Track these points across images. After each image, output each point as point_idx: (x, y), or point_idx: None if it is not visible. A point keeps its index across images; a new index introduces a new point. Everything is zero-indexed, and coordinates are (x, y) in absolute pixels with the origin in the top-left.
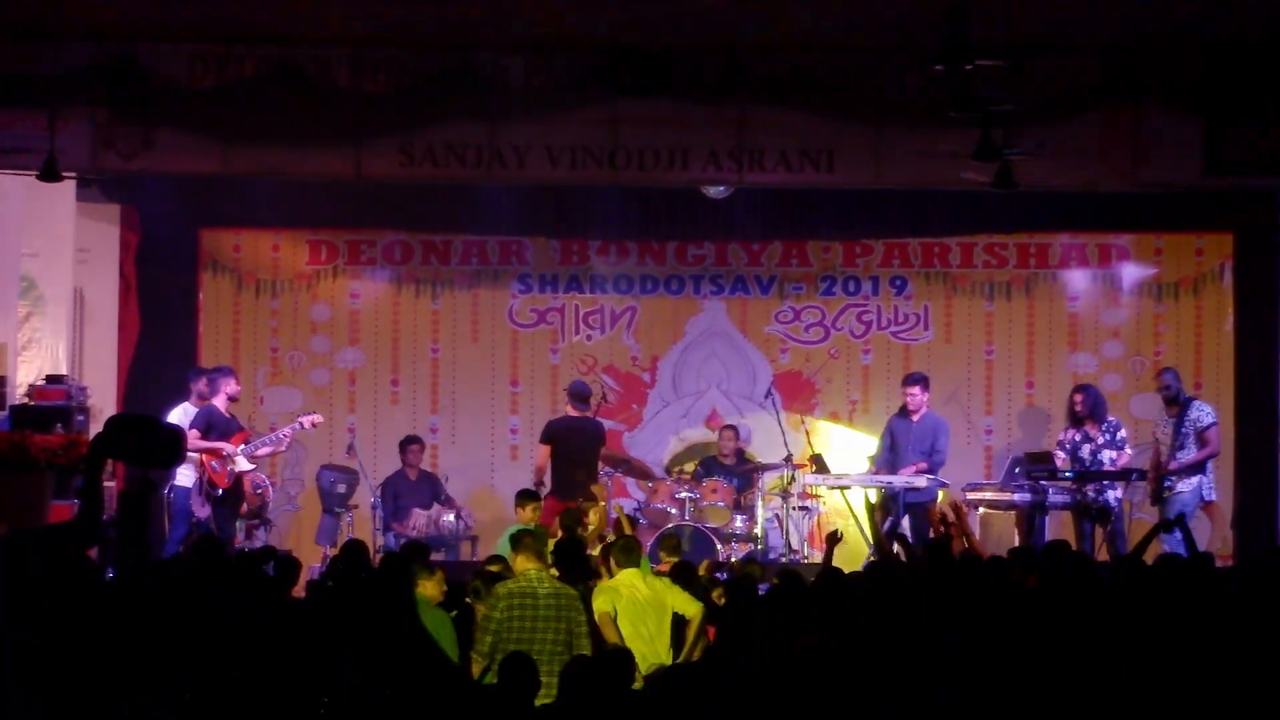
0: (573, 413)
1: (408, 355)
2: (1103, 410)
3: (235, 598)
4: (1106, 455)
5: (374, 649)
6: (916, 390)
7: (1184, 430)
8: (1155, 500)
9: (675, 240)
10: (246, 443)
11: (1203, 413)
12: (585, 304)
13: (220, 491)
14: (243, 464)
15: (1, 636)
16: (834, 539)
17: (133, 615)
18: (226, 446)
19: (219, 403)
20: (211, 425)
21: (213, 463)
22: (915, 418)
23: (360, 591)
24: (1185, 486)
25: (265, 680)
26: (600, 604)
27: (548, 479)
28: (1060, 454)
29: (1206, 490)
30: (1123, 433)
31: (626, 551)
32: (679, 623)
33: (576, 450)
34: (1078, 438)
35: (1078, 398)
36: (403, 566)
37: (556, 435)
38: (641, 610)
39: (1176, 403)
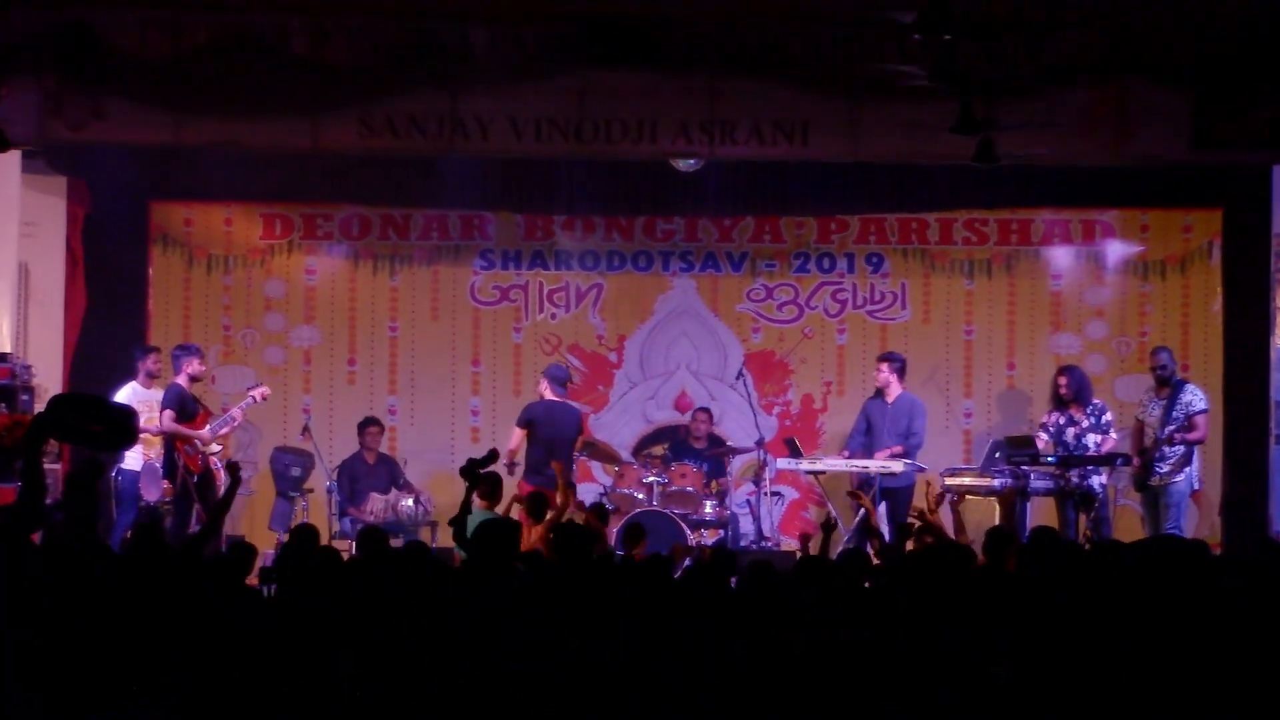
0: (551, 396)
1: (365, 334)
2: (1088, 393)
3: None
4: (1091, 439)
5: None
6: (884, 368)
7: (1174, 414)
8: (1140, 486)
9: (643, 215)
10: (208, 424)
11: (1195, 396)
12: (550, 281)
13: (196, 477)
14: (215, 447)
15: None
16: (828, 527)
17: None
18: (202, 432)
19: (182, 382)
20: (184, 406)
21: (186, 447)
22: (889, 399)
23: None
24: (1179, 477)
25: (249, 680)
26: None
27: (520, 461)
28: (1043, 437)
29: (1194, 478)
30: (1108, 416)
31: None
32: None
33: (557, 435)
34: (1061, 420)
35: (1062, 380)
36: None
37: (537, 419)
38: None
39: (1169, 384)
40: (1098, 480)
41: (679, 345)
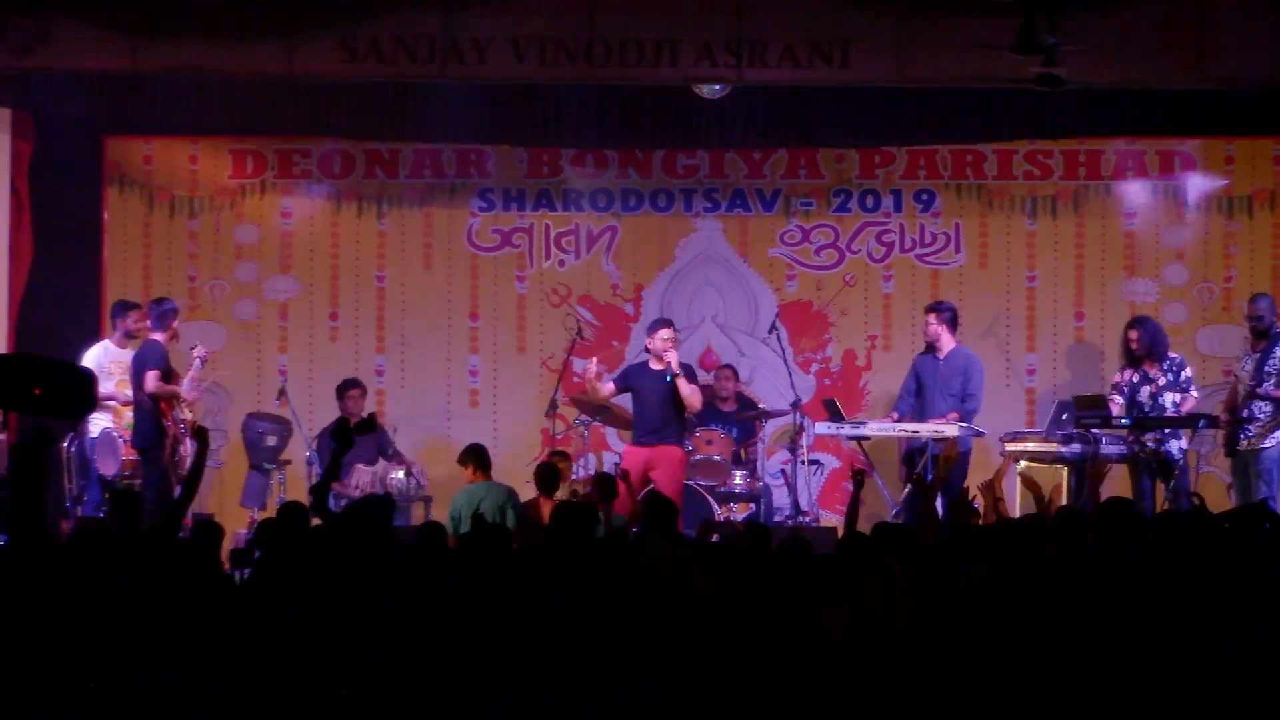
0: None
1: (349, 285)
2: (1163, 346)
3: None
4: (1169, 398)
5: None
6: (932, 319)
7: (1267, 368)
8: (1230, 451)
9: (663, 149)
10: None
11: None
12: (557, 224)
13: (182, 448)
14: (185, 414)
15: None
16: (859, 481)
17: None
18: (187, 392)
19: (161, 339)
20: (168, 366)
21: (175, 412)
22: (941, 355)
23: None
24: (1271, 441)
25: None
26: None
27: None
28: (1116, 398)
29: None
30: (1187, 372)
31: None
32: None
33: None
34: (1135, 378)
35: (1133, 333)
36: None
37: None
38: None
39: (1266, 335)
40: (1176, 445)
41: (704, 295)
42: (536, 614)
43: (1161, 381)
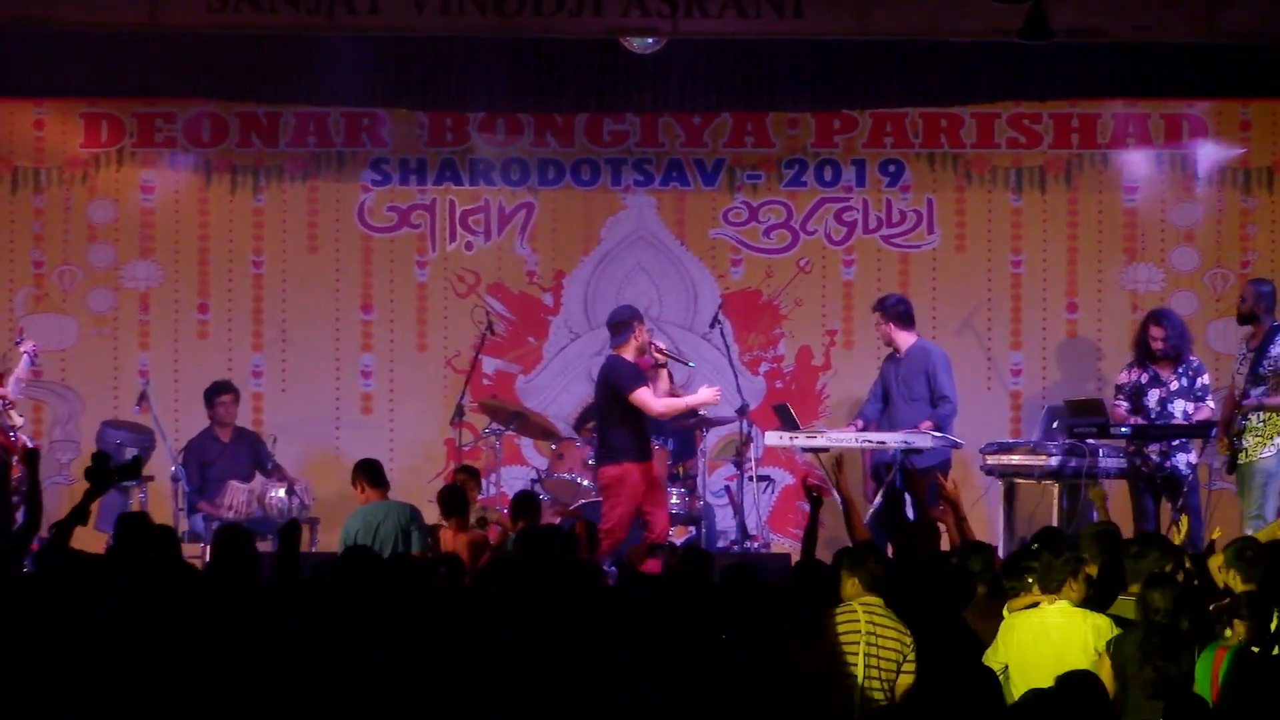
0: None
1: (220, 271)
2: (1187, 348)
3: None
4: (1180, 406)
5: None
6: (877, 319)
7: (1262, 367)
8: (1230, 467)
9: (586, 112)
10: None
11: None
12: (463, 200)
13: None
14: (17, 419)
15: None
16: (816, 500)
17: None
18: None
19: None
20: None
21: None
22: (900, 353)
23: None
24: (1267, 451)
25: None
26: None
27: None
28: (1120, 402)
29: None
30: (1205, 379)
31: None
32: None
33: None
34: (1143, 379)
35: (1157, 330)
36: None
37: None
38: None
39: (1250, 321)
40: (1185, 458)
41: (634, 284)
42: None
43: (1174, 386)
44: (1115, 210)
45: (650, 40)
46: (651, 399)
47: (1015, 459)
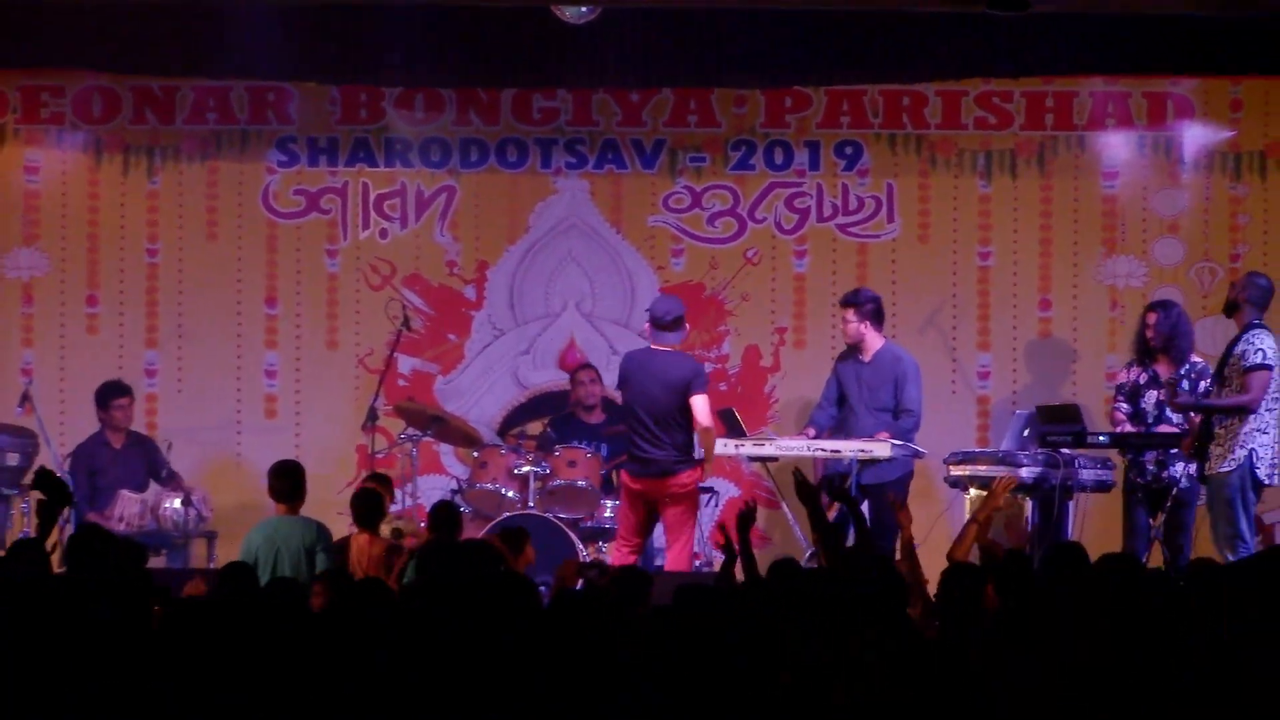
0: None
1: (112, 261)
2: (1186, 342)
3: None
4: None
5: None
6: (850, 316)
7: (1226, 369)
8: (1200, 476)
9: (513, 87)
10: None
11: (1253, 345)
12: (378, 183)
13: None
14: None
15: None
16: (747, 519)
17: None
18: None
19: None
20: None
21: None
22: (866, 356)
23: None
24: (1227, 465)
25: None
26: None
27: None
28: (1120, 404)
29: (1265, 467)
30: (1209, 383)
31: None
32: None
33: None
34: (1142, 379)
35: (1151, 317)
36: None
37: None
38: None
39: (1237, 312)
40: (1183, 468)
41: (565, 276)
42: None
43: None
44: (1093, 198)
45: (584, 9)
46: (708, 409)
47: (982, 470)
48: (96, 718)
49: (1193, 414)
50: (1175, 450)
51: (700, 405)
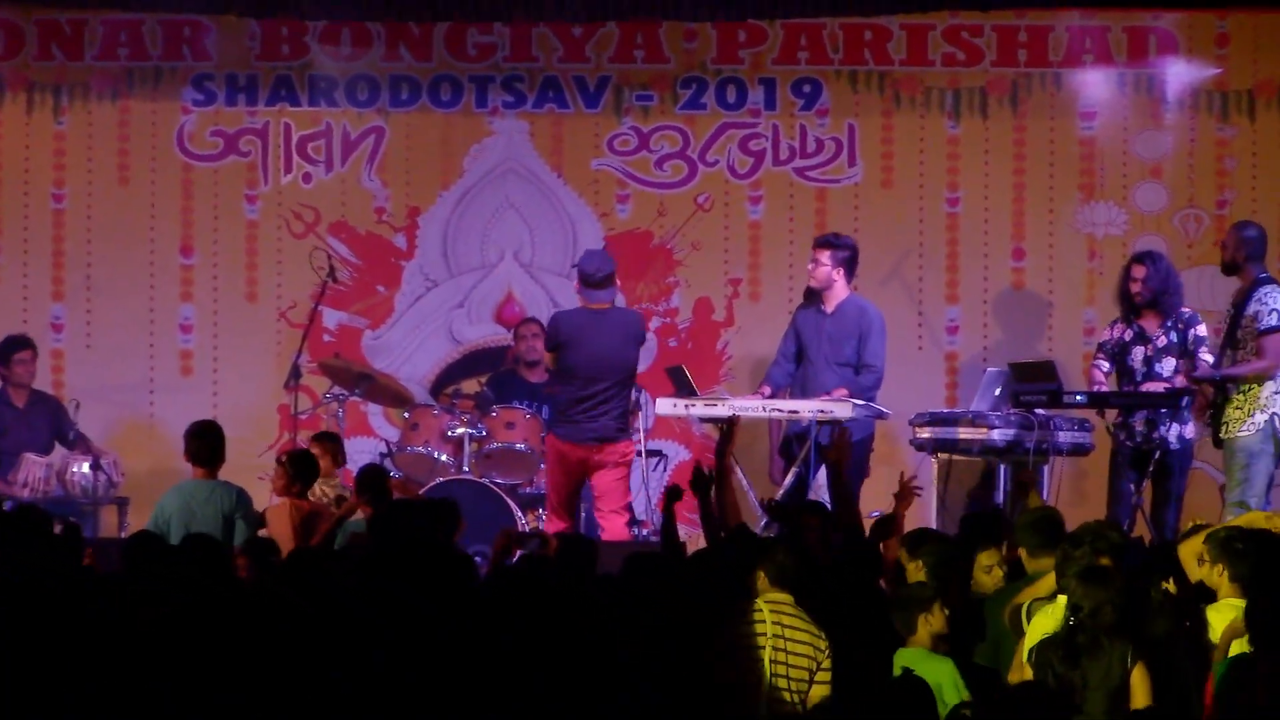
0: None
1: (14, 206)
2: (1174, 296)
3: None
4: (1169, 365)
5: None
6: (825, 258)
7: (1239, 331)
8: (1216, 440)
9: (447, 21)
10: None
11: (1266, 305)
12: (301, 123)
13: None
14: None
15: None
16: (673, 495)
17: None
18: None
19: None
20: None
21: None
22: (829, 306)
23: None
24: (1246, 429)
25: None
26: None
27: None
28: (1100, 361)
29: None
30: (1199, 329)
31: None
32: None
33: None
34: (1127, 336)
35: (1139, 270)
36: None
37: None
38: None
39: (1239, 271)
40: (1176, 430)
41: (502, 223)
42: None
43: (1161, 342)
44: (1069, 140)
45: None
46: None
47: (951, 431)
48: None
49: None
50: (1165, 410)
51: None
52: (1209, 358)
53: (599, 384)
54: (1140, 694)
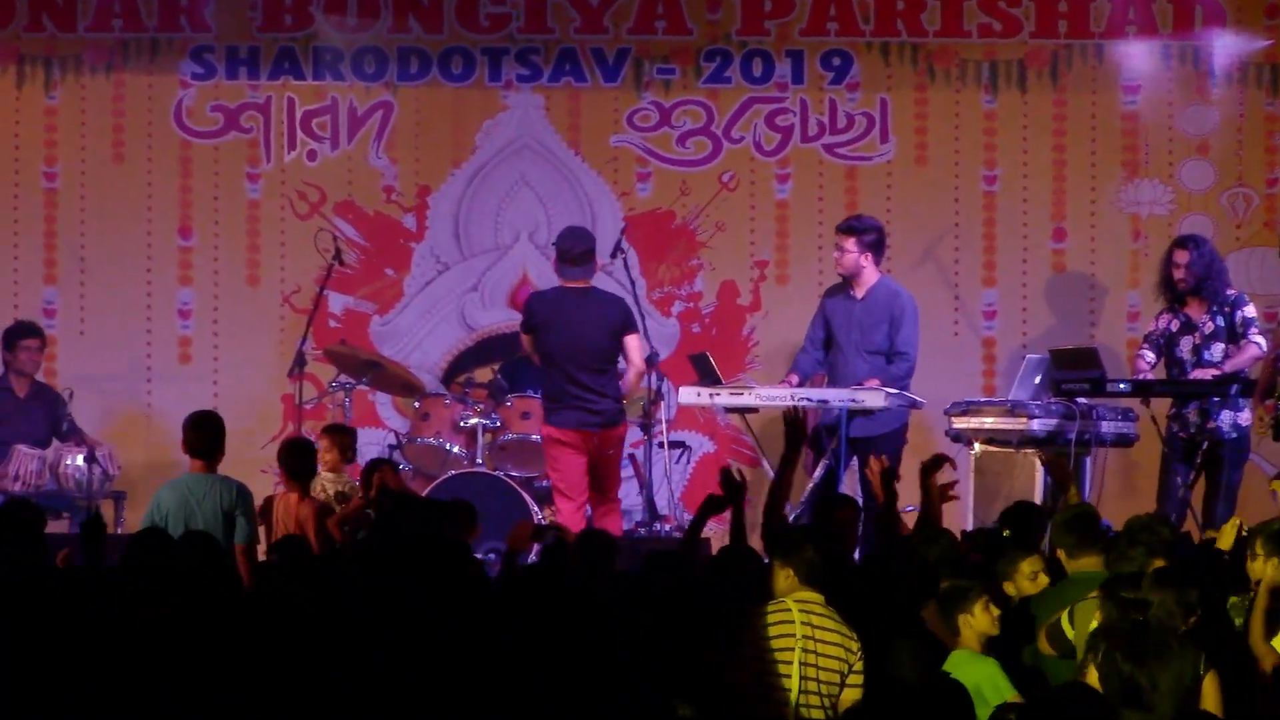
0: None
1: (4, 185)
2: (1219, 280)
3: None
4: (1219, 351)
5: None
6: (850, 245)
7: None
8: (1276, 433)
9: None
10: None
11: None
12: (306, 98)
13: None
14: None
15: None
16: (712, 506)
17: None
18: None
19: None
20: None
21: None
22: (859, 292)
23: None
24: None
25: None
26: None
27: None
28: (1144, 351)
29: None
30: (1248, 311)
31: None
32: None
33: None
34: (1174, 326)
35: (1181, 255)
36: None
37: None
38: None
39: None
40: (1230, 417)
41: (517, 203)
42: None
43: (1209, 328)
44: (1112, 115)
45: None
46: (640, 350)
47: (988, 422)
48: None
49: (1264, 366)
50: (1216, 398)
51: (635, 346)
52: (1260, 339)
53: (572, 368)
54: (1211, 703)
